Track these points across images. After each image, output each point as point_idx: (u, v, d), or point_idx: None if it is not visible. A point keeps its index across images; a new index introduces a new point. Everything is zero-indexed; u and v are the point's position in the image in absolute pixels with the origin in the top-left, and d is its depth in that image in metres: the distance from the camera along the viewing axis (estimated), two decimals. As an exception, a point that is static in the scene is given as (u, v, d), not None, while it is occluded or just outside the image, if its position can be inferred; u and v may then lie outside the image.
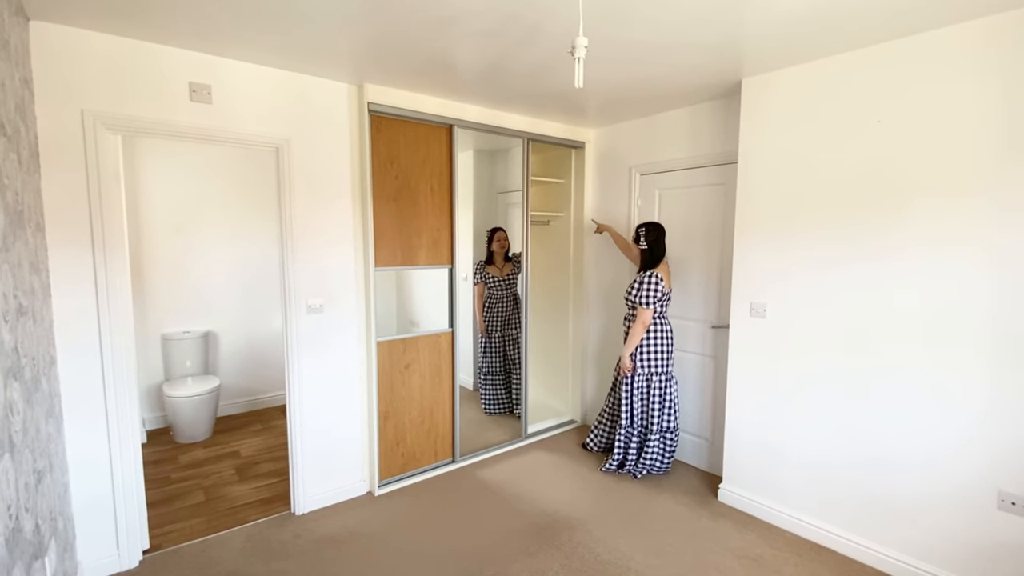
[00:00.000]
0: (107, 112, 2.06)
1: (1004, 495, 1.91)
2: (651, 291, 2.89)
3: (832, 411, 2.35)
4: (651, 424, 3.02)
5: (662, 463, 3.06)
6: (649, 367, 2.99)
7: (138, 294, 3.73)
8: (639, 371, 3.01)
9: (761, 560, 2.30)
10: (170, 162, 3.81)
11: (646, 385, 3.03)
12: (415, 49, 2.19)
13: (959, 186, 1.95)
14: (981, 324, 1.92)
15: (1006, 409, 1.89)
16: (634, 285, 2.98)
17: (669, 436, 3.06)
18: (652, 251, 2.96)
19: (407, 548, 2.39)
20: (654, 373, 3.00)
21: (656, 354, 2.99)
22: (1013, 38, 1.81)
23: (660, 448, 3.05)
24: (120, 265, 2.19)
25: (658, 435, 3.03)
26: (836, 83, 2.26)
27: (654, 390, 3.00)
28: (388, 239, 2.81)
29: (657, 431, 3.02)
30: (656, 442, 3.02)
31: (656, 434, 3.02)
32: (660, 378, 3.00)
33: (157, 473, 3.15)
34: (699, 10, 1.80)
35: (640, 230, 2.99)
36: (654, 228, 2.98)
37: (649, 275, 2.91)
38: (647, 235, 2.96)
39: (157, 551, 2.36)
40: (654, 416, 3.01)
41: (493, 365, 3.94)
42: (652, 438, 3.02)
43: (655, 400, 3.00)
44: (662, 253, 2.97)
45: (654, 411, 3.01)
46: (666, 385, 3.02)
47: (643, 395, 3.05)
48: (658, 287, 2.88)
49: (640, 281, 2.94)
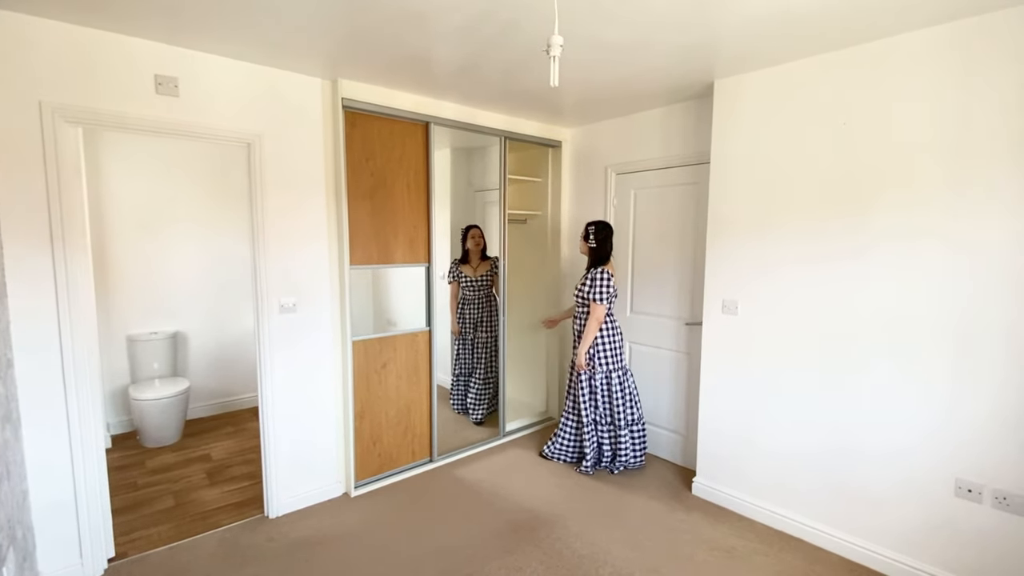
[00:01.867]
0: (67, 104, 1.98)
1: (961, 482, 1.99)
2: (604, 287, 2.94)
3: (801, 406, 2.42)
4: (619, 420, 3.06)
5: (635, 458, 3.11)
6: (607, 364, 3.03)
7: (102, 294, 3.60)
8: (599, 368, 3.04)
9: (733, 551, 2.35)
10: (137, 157, 3.69)
11: (607, 382, 3.06)
12: (389, 44, 2.17)
13: (921, 186, 2.02)
14: (942, 321, 2.01)
15: (964, 401, 1.98)
16: (585, 282, 3.02)
17: (637, 429, 3.11)
18: (601, 248, 3.02)
19: (384, 549, 2.37)
20: (613, 369, 3.04)
21: (613, 349, 3.04)
22: (970, 44, 1.89)
23: (632, 442, 3.09)
24: (82, 264, 2.11)
25: (626, 429, 3.07)
26: (804, 86, 2.32)
27: (615, 386, 3.05)
28: (364, 237, 2.78)
29: (625, 426, 3.06)
30: (626, 437, 3.07)
31: (624, 429, 3.06)
32: (618, 373, 3.05)
33: (123, 479, 3.05)
34: (671, 12, 1.83)
35: (590, 228, 3.04)
36: (604, 227, 3.04)
37: (601, 271, 2.96)
38: (596, 233, 3.02)
39: (123, 559, 2.28)
40: (620, 412, 3.05)
41: (464, 367, 3.90)
42: (622, 434, 3.06)
43: (617, 396, 3.05)
44: (610, 251, 3.05)
45: (619, 407, 3.05)
46: (624, 379, 3.08)
47: (606, 392, 3.07)
48: (610, 283, 2.95)
49: (592, 277, 2.98)
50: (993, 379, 1.90)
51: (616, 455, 3.09)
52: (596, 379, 3.06)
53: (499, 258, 3.49)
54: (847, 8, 1.81)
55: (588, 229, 3.05)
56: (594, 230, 3.03)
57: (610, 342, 3.04)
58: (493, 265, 3.71)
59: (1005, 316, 1.86)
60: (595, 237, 3.02)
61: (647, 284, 3.34)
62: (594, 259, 3.04)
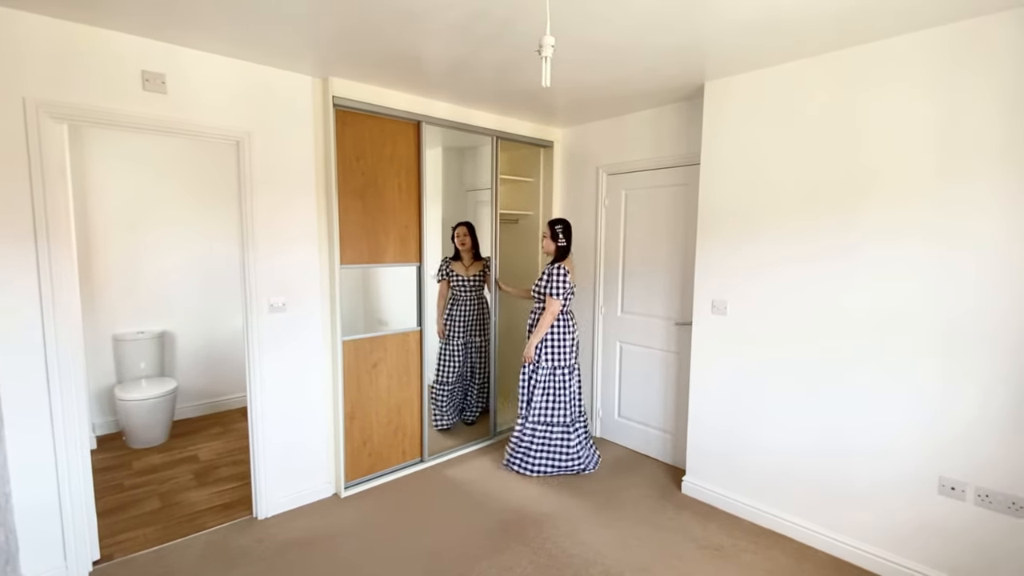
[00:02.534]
0: (52, 100, 1.95)
1: (944, 480, 2.03)
2: (561, 282, 2.94)
3: (790, 405, 2.45)
4: (564, 418, 3.05)
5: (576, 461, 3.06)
6: (553, 360, 3.02)
7: (87, 293, 3.55)
8: (543, 364, 3.04)
9: (722, 549, 2.37)
10: (124, 155, 3.64)
11: (551, 378, 3.05)
12: (381, 43, 2.16)
13: (909, 187, 2.05)
14: (930, 321, 2.04)
15: (950, 401, 2.01)
16: (543, 277, 3.02)
17: (580, 426, 3.11)
18: (568, 247, 3.05)
19: (373, 549, 2.36)
20: (558, 366, 3.03)
21: (563, 346, 3.03)
22: (953, 47, 1.92)
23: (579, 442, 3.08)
24: (67, 262, 2.08)
25: (563, 428, 3.05)
26: (793, 88, 2.35)
27: (559, 383, 3.04)
28: (354, 236, 2.76)
29: (571, 424, 3.05)
30: (558, 436, 3.05)
31: (572, 427, 3.05)
32: (563, 371, 3.04)
33: (108, 480, 3.01)
34: (660, 14, 1.84)
35: (557, 227, 3.04)
36: (569, 225, 3.07)
37: (558, 267, 2.96)
38: (565, 232, 3.04)
39: (109, 561, 2.25)
40: (561, 410, 3.04)
41: (448, 375, 3.65)
42: (566, 431, 3.05)
43: (561, 394, 3.04)
44: (569, 248, 3.07)
45: (559, 405, 3.04)
46: (569, 378, 3.07)
47: (549, 389, 3.05)
48: (567, 279, 2.96)
49: (550, 273, 2.98)
50: (980, 378, 1.93)
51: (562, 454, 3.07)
52: (540, 375, 3.04)
53: (491, 258, 3.48)
54: (832, 13, 1.84)
55: (555, 228, 3.04)
56: (562, 229, 3.04)
57: (559, 339, 3.03)
58: (486, 265, 3.66)
59: (991, 317, 1.89)
60: (564, 236, 3.04)
61: (638, 284, 3.36)
62: (558, 256, 3.05)
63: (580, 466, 3.08)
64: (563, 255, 3.03)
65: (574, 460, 3.06)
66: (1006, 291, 1.86)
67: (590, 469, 3.12)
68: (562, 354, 3.03)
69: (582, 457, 3.09)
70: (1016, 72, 1.80)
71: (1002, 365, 1.88)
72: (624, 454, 3.42)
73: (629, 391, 3.48)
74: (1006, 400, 1.88)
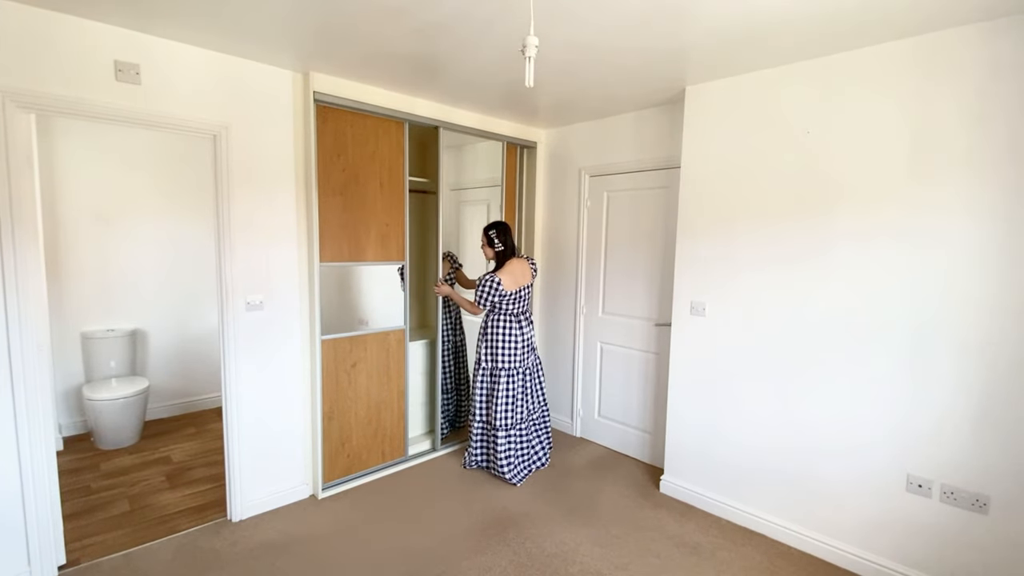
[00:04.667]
0: (19, 88, 1.88)
1: (912, 478, 2.09)
2: (485, 294, 2.89)
3: (765, 404, 2.50)
4: (497, 421, 2.96)
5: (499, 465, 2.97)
6: (499, 362, 2.96)
7: (55, 289, 3.44)
8: (483, 365, 3.00)
9: (698, 547, 2.41)
10: (95, 147, 3.53)
11: (490, 381, 3.00)
12: (363, 40, 2.14)
13: (879, 191, 2.11)
14: (900, 322, 2.10)
15: (919, 400, 2.07)
16: (479, 280, 2.95)
17: (514, 433, 3.02)
18: (506, 250, 2.98)
19: (351, 551, 2.33)
20: (504, 370, 2.96)
21: (512, 351, 2.96)
22: (922, 58, 1.98)
23: (506, 449, 2.98)
24: (33, 256, 2.00)
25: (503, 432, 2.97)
26: (772, 93, 2.40)
27: (498, 386, 2.96)
28: (334, 234, 2.73)
29: (499, 428, 2.96)
30: (493, 436, 3.00)
31: (499, 431, 2.96)
32: (508, 375, 2.96)
33: (76, 482, 2.91)
34: (642, 17, 1.86)
35: (491, 233, 2.97)
36: (505, 228, 2.98)
37: (489, 279, 2.89)
38: (499, 236, 2.97)
39: (75, 566, 2.18)
40: (496, 412, 2.97)
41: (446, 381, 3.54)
42: (495, 434, 2.98)
43: (493, 396, 2.98)
44: (513, 247, 3.01)
45: (492, 406, 2.98)
46: (509, 383, 2.97)
47: (486, 390, 3.03)
48: (497, 291, 2.88)
49: (483, 281, 2.91)
50: (947, 378, 2.00)
51: (491, 456, 3.04)
52: (480, 377, 3.02)
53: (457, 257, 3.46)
54: (807, 23, 1.88)
55: (489, 234, 2.97)
56: (496, 233, 2.96)
57: (510, 344, 2.96)
58: (452, 265, 3.55)
59: (959, 319, 1.96)
60: (499, 239, 2.96)
61: (618, 285, 3.38)
62: (499, 261, 2.98)
63: (503, 472, 2.95)
64: (504, 259, 2.97)
65: (501, 464, 2.96)
66: (974, 293, 1.92)
67: (513, 481, 2.95)
68: (511, 358, 2.96)
69: (509, 465, 2.96)
70: (980, 82, 1.87)
71: (968, 365, 1.95)
72: (603, 453, 3.44)
73: (609, 391, 3.51)
74: (971, 400, 1.95)
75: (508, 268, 2.94)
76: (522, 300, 3.02)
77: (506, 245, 2.98)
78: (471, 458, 3.13)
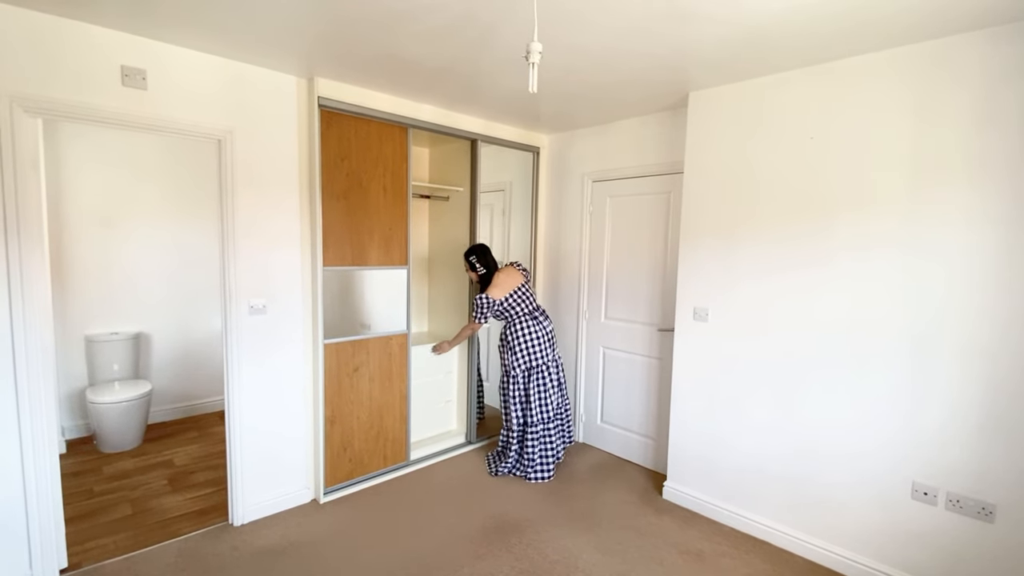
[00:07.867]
0: (27, 94, 1.90)
1: (917, 486, 2.07)
2: (480, 307, 3.08)
3: (768, 411, 2.48)
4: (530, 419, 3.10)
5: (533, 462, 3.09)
6: (521, 364, 3.09)
7: (59, 293, 3.45)
8: (512, 373, 3.10)
9: (702, 554, 2.39)
10: (100, 151, 3.56)
11: (523, 383, 3.12)
12: (367, 45, 2.15)
13: (882, 199, 2.11)
14: (902, 329, 2.09)
15: (922, 407, 2.06)
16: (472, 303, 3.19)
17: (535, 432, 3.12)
18: (489, 274, 3.13)
19: (351, 556, 2.33)
20: (529, 368, 3.09)
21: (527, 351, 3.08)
22: (925, 65, 1.98)
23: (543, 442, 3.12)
24: (38, 260, 2.02)
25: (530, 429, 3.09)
26: (774, 100, 2.40)
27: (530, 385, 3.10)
28: (337, 238, 2.74)
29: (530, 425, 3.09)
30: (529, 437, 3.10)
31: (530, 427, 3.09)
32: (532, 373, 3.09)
33: (78, 486, 2.91)
34: (645, 24, 1.87)
35: (471, 259, 3.14)
36: (484, 251, 3.15)
37: (478, 298, 3.08)
38: (479, 259, 3.12)
39: (76, 570, 2.18)
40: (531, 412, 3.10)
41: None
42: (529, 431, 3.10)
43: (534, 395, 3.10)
44: (494, 266, 3.16)
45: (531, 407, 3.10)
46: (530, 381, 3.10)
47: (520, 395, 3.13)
48: (486, 302, 3.06)
49: (473, 305, 3.13)
50: (950, 384, 1.99)
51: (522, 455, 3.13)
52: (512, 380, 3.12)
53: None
54: (810, 29, 1.88)
55: (470, 260, 3.14)
56: (476, 258, 3.13)
57: (532, 340, 3.08)
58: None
59: (961, 324, 1.95)
60: (480, 263, 3.12)
61: (621, 291, 3.38)
62: (484, 283, 3.14)
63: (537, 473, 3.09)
64: (487, 280, 3.11)
65: (535, 462, 3.09)
66: (975, 299, 1.91)
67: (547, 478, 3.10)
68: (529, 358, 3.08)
69: (543, 461, 3.10)
70: (983, 90, 1.87)
71: (971, 371, 1.93)
72: (606, 459, 3.43)
73: (612, 396, 3.50)
74: (974, 406, 1.93)
75: (494, 282, 3.11)
76: (526, 299, 3.13)
77: (487, 267, 3.14)
78: (503, 465, 3.14)
